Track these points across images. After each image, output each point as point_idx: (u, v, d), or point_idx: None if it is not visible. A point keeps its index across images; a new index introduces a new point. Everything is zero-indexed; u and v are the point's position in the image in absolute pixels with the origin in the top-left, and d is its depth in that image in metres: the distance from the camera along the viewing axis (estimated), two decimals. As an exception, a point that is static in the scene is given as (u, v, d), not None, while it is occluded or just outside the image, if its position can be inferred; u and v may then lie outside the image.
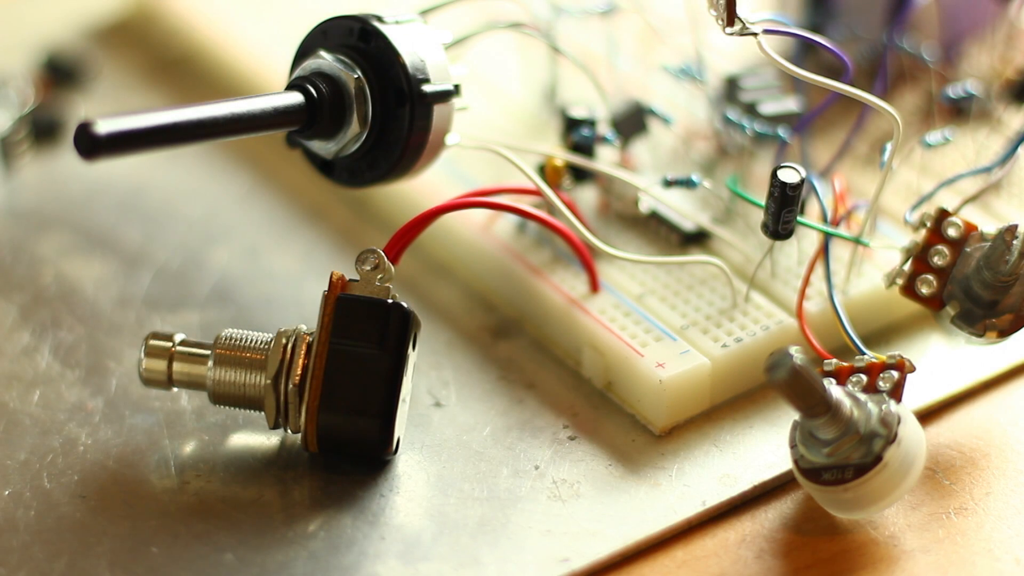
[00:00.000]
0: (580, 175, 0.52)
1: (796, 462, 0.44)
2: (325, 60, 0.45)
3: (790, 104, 0.53)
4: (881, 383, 0.44)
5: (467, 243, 0.52)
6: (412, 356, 0.45)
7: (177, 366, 0.45)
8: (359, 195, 0.55)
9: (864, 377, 0.44)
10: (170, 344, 0.46)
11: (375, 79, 0.45)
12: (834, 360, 0.45)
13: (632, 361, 0.47)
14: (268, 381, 0.44)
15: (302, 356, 0.44)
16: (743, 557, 0.44)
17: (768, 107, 0.53)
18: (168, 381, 0.46)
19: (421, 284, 0.52)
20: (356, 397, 0.44)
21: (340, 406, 0.44)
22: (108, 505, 0.44)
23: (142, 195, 0.48)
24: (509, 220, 0.52)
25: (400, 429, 0.45)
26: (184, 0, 0.64)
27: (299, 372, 0.44)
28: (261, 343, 0.45)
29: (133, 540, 0.43)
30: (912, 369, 0.44)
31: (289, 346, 0.44)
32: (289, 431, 0.45)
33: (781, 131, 0.52)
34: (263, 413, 0.45)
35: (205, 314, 0.49)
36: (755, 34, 0.45)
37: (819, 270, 0.48)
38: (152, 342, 0.46)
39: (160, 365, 0.45)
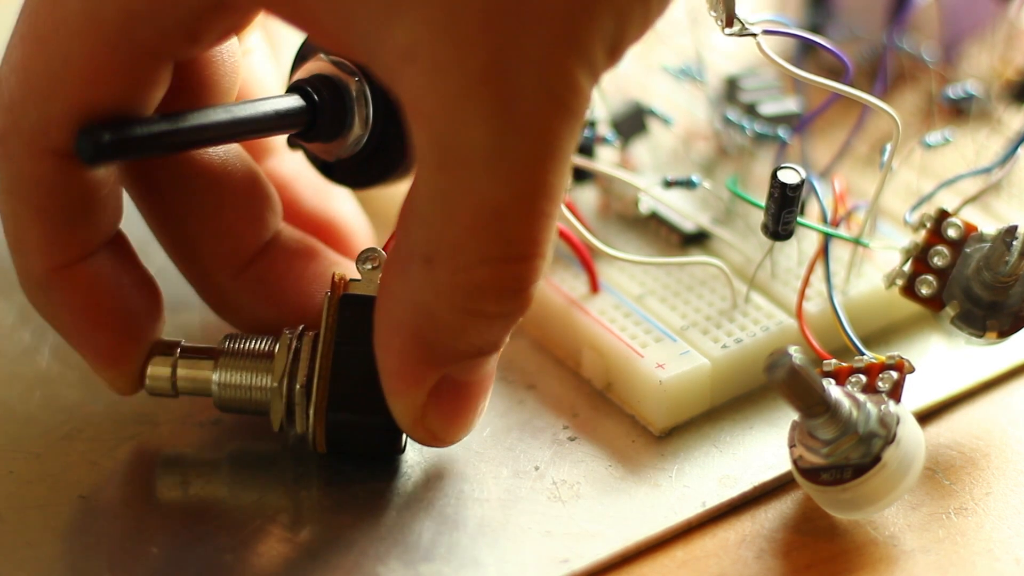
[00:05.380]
0: (580, 175, 0.52)
1: (795, 462, 0.44)
2: (325, 63, 0.45)
3: (790, 104, 0.53)
4: (880, 383, 0.44)
5: (467, 243, 0.52)
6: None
7: (181, 372, 0.45)
8: (359, 195, 0.55)
9: (863, 377, 0.44)
10: (173, 352, 0.45)
11: (375, 81, 0.45)
12: (834, 360, 0.45)
13: (632, 362, 0.47)
14: (275, 383, 0.44)
15: (308, 357, 0.44)
16: (743, 557, 0.44)
17: (768, 107, 0.53)
18: (172, 389, 0.45)
19: (421, 284, 0.52)
20: (364, 396, 0.44)
21: (348, 406, 0.44)
22: (108, 505, 0.44)
23: (142, 195, 0.48)
24: (509, 220, 0.52)
25: (405, 427, 0.45)
26: None
27: (306, 373, 0.44)
28: (265, 345, 0.45)
29: (133, 540, 0.43)
30: (911, 370, 0.44)
31: (294, 347, 0.44)
32: (293, 432, 0.45)
33: (781, 131, 0.52)
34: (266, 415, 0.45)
35: (205, 315, 0.49)
36: (755, 35, 0.45)
37: (819, 271, 0.48)
38: (154, 352, 0.45)
39: (164, 372, 0.45)
